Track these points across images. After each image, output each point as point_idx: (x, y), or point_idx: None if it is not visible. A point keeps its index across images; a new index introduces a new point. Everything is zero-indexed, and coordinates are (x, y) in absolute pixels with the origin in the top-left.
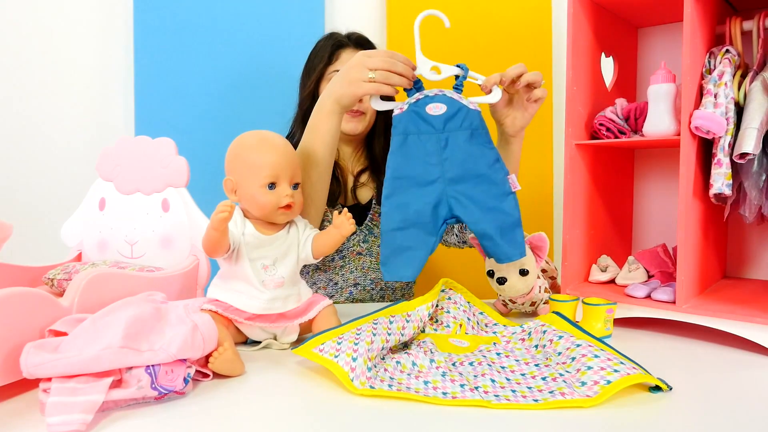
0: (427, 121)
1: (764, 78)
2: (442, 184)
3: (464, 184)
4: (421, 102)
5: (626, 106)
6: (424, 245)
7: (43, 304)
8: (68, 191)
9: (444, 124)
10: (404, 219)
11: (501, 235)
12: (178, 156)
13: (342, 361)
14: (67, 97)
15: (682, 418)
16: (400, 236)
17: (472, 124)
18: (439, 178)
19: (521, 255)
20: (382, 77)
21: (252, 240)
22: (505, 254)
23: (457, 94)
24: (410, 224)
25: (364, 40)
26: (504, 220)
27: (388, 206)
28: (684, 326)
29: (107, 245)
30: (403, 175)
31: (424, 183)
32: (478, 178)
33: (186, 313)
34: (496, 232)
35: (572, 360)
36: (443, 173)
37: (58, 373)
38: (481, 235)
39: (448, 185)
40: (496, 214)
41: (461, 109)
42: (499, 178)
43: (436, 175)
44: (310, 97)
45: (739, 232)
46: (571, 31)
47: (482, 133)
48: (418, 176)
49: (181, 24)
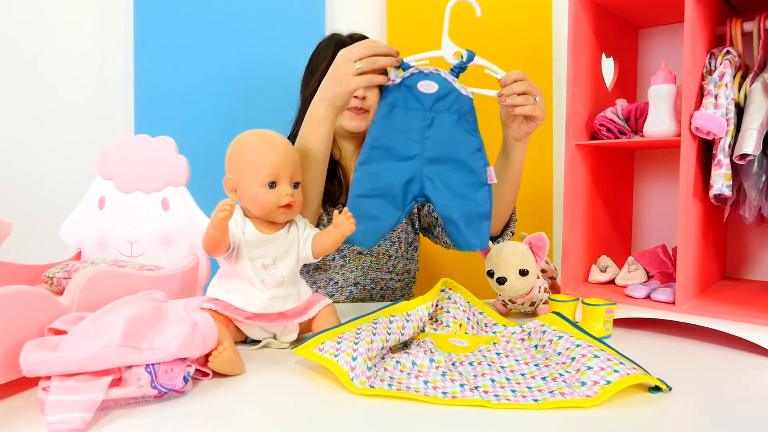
0: (417, 97)
1: (765, 79)
2: (419, 162)
3: (441, 166)
4: (413, 77)
5: (626, 107)
6: (389, 217)
7: (43, 303)
8: (68, 189)
9: (433, 103)
10: (374, 188)
11: (467, 223)
12: (177, 155)
13: (342, 360)
14: (67, 96)
15: (681, 418)
16: (367, 203)
17: (461, 109)
18: (418, 155)
19: (482, 246)
20: (368, 63)
21: (252, 239)
22: (466, 243)
23: (451, 76)
24: (379, 194)
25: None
26: (473, 210)
27: (361, 172)
28: (683, 327)
29: (107, 244)
30: (381, 145)
31: (402, 157)
32: (457, 164)
33: (186, 311)
34: (462, 219)
35: (572, 360)
36: (422, 152)
37: (58, 372)
38: (446, 220)
39: (425, 164)
40: (467, 202)
41: (452, 92)
42: (478, 168)
43: (415, 151)
44: (313, 97)
45: (739, 233)
46: (572, 31)
47: (470, 120)
48: (396, 149)
49: (181, 22)
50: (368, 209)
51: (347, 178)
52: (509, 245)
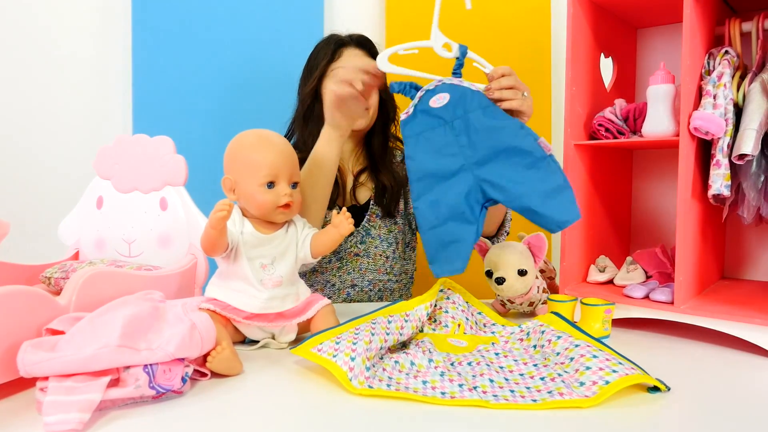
0: (435, 115)
1: (763, 79)
2: (468, 171)
3: (492, 163)
4: (424, 99)
5: (625, 107)
6: (467, 235)
7: (41, 303)
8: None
9: (452, 111)
10: (437, 216)
11: (544, 204)
12: (176, 154)
13: (340, 360)
14: (65, 96)
15: (679, 418)
16: (440, 233)
17: (481, 103)
18: (463, 165)
19: (575, 217)
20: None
21: (250, 239)
22: (556, 223)
23: (456, 79)
24: (445, 219)
25: (365, 39)
26: (542, 188)
27: (420, 207)
28: (682, 327)
29: (105, 244)
30: (424, 175)
31: (448, 175)
32: (506, 152)
33: (184, 312)
34: (539, 202)
35: (570, 360)
36: (467, 159)
37: (55, 372)
38: (523, 211)
39: (475, 169)
40: (533, 184)
41: (465, 93)
42: (528, 145)
43: (458, 164)
44: (312, 94)
45: (738, 233)
46: (571, 31)
47: (494, 108)
48: (439, 171)
49: (180, 22)
50: (443, 237)
51: (344, 180)
52: (508, 245)
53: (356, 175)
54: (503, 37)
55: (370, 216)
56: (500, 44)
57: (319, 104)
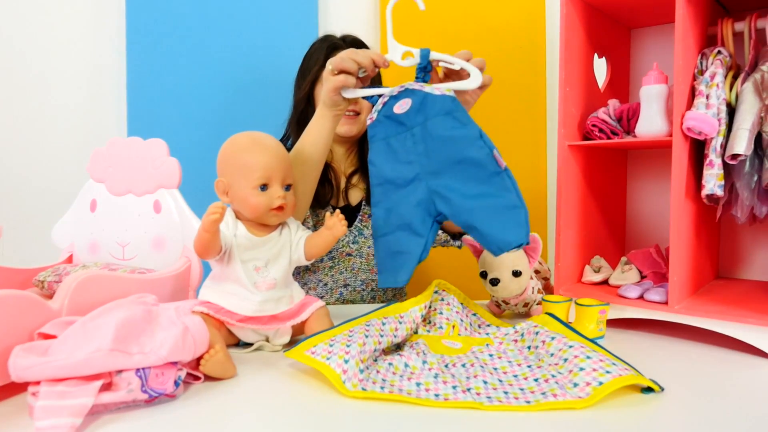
0: (398, 121)
1: (755, 79)
2: (423, 181)
3: (445, 174)
4: (388, 104)
5: (619, 107)
6: (414, 247)
7: (33, 307)
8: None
9: (413, 118)
10: (389, 224)
11: (488, 222)
12: (169, 157)
13: (334, 363)
14: (59, 98)
15: (673, 419)
16: (390, 241)
17: (443, 108)
18: (418, 174)
19: (522, 241)
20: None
21: (244, 241)
22: (497, 244)
23: (419, 84)
24: (395, 228)
25: (359, 42)
26: (493, 205)
27: (376, 214)
28: (676, 327)
29: (98, 247)
30: (383, 181)
31: (404, 183)
32: (460, 164)
33: (177, 315)
34: (483, 220)
35: (564, 361)
36: (422, 168)
37: (47, 377)
38: (467, 228)
39: (429, 180)
40: (482, 199)
41: (426, 98)
42: (483, 157)
43: (414, 172)
44: (305, 100)
45: (732, 232)
46: (564, 31)
47: (457, 115)
48: (396, 178)
49: (174, 25)
50: (392, 246)
51: (338, 180)
52: None
53: (348, 176)
54: (497, 37)
55: (363, 216)
56: (494, 45)
57: (312, 109)
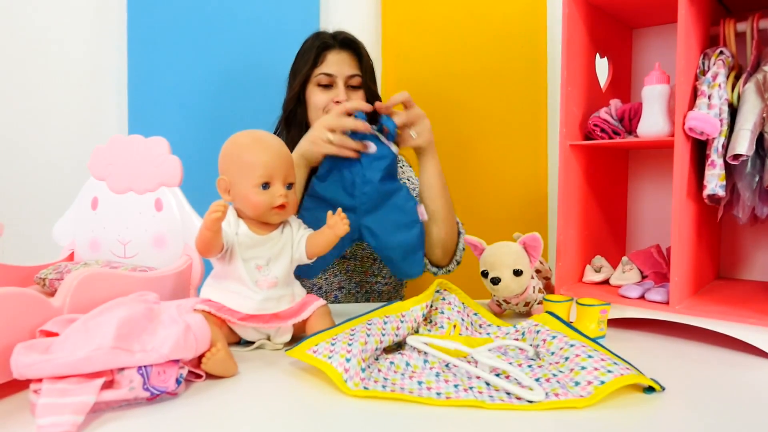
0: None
1: (758, 79)
2: (355, 214)
3: (377, 213)
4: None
5: (620, 107)
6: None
7: (34, 305)
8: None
9: (370, 162)
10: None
11: (403, 258)
12: (171, 155)
13: (335, 362)
14: (60, 96)
15: (674, 418)
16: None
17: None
18: (354, 208)
19: (419, 273)
20: (339, 142)
21: (245, 240)
22: (405, 274)
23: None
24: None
25: (351, 40)
26: (408, 245)
27: (305, 216)
28: (677, 327)
29: (100, 245)
30: (320, 196)
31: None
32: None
33: (178, 313)
34: (399, 256)
35: (566, 360)
36: (360, 206)
37: (49, 374)
38: (385, 259)
39: (362, 216)
40: (403, 240)
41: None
42: (409, 209)
43: (350, 203)
44: (295, 99)
45: (733, 233)
46: (566, 31)
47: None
48: (334, 201)
49: (175, 23)
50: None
51: None
52: (503, 246)
53: None
54: (499, 37)
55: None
56: (496, 44)
57: (302, 109)
